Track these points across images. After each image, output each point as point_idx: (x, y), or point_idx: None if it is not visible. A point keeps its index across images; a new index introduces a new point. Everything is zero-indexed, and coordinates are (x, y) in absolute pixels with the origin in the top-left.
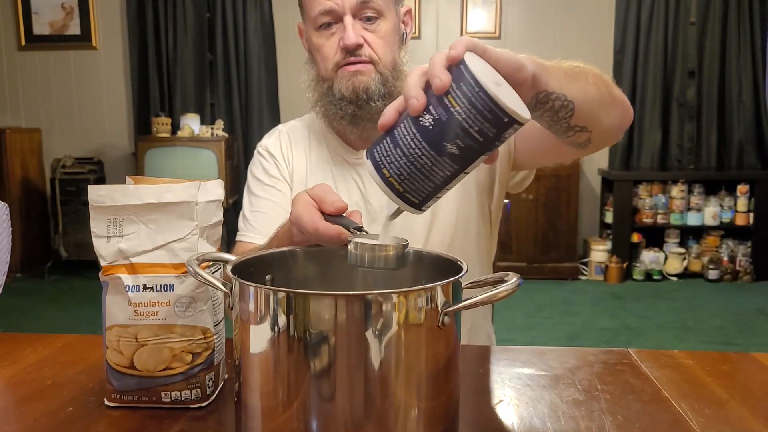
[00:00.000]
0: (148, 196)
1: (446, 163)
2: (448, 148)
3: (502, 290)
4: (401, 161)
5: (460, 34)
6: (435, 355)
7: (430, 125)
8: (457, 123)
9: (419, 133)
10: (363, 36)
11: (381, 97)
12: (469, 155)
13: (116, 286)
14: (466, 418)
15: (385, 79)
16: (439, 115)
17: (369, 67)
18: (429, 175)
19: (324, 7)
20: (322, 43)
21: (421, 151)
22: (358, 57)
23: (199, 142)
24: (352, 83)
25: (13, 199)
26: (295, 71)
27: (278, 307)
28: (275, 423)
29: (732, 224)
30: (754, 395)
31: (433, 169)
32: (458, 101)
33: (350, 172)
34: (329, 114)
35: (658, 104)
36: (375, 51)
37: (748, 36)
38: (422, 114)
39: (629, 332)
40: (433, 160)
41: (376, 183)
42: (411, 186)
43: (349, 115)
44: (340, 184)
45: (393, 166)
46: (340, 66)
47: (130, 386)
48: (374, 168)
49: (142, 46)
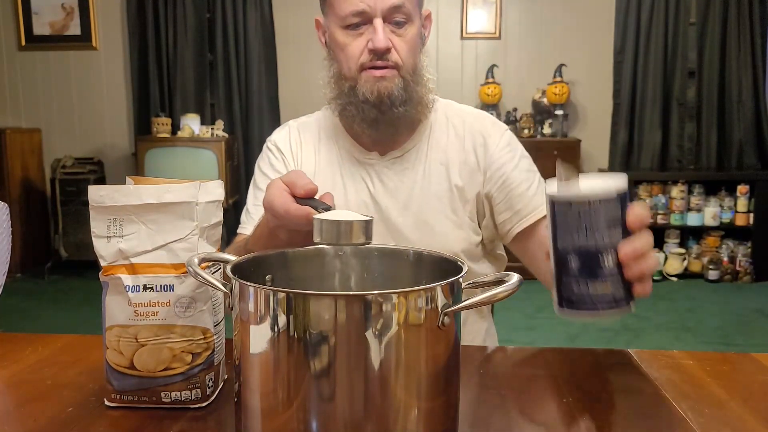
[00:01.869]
0: (149, 196)
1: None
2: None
3: (502, 290)
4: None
5: (460, 34)
6: (435, 355)
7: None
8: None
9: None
10: (391, 40)
11: (403, 102)
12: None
13: (116, 286)
14: (466, 418)
15: (407, 83)
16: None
17: (393, 72)
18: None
19: (357, 8)
20: (348, 42)
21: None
22: (385, 61)
23: (199, 143)
24: (377, 88)
25: (13, 199)
26: (295, 71)
27: (278, 308)
28: (275, 423)
29: (732, 225)
30: (754, 395)
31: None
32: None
33: (360, 171)
34: (348, 114)
35: (658, 104)
36: (400, 56)
37: (748, 36)
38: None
39: (629, 332)
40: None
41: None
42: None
43: (371, 118)
44: (348, 183)
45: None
46: (366, 68)
47: (130, 386)
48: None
49: (142, 46)
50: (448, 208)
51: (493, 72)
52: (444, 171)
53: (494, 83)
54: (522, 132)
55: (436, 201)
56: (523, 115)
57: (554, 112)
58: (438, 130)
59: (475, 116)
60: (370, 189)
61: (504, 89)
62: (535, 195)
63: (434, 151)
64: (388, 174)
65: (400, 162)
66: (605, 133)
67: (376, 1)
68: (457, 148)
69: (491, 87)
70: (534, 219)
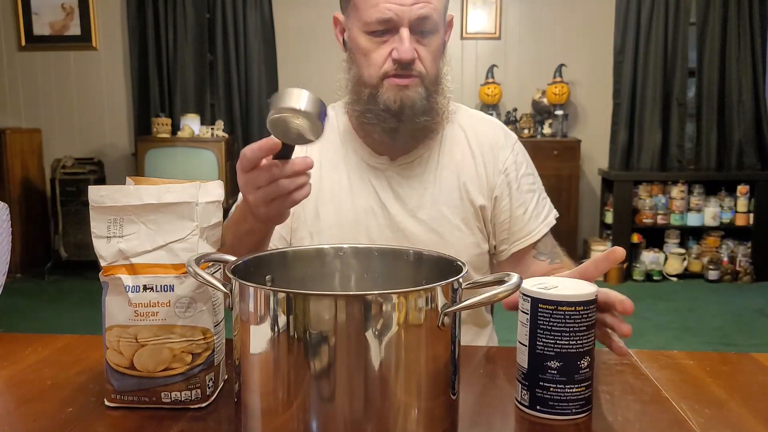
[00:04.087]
0: (149, 196)
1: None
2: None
3: (502, 290)
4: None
5: (461, 34)
6: (435, 355)
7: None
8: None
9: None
10: (416, 50)
11: (424, 112)
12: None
13: (116, 286)
14: (466, 418)
15: (429, 93)
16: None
17: (416, 81)
18: None
19: (383, 15)
20: (371, 48)
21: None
22: (409, 71)
23: (199, 143)
24: (400, 97)
25: (13, 199)
26: (295, 72)
27: (278, 308)
28: (275, 423)
29: (732, 225)
30: (754, 396)
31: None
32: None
33: (368, 175)
34: (366, 120)
35: (658, 104)
36: (425, 66)
37: (748, 36)
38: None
39: None
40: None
41: None
42: None
43: (390, 128)
44: (356, 187)
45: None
46: (388, 76)
47: (130, 387)
48: None
49: (142, 47)
50: (458, 218)
51: (493, 72)
52: (455, 180)
53: (494, 83)
54: (522, 132)
55: (446, 209)
56: (523, 116)
57: (554, 112)
58: (451, 137)
59: (487, 128)
60: (378, 194)
61: (504, 89)
62: (530, 219)
63: (446, 159)
64: (398, 180)
65: (410, 168)
66: (605, 133)
67: (404, 10)
68: (468, 158)
69: (491, 87)
70: (526, 244)
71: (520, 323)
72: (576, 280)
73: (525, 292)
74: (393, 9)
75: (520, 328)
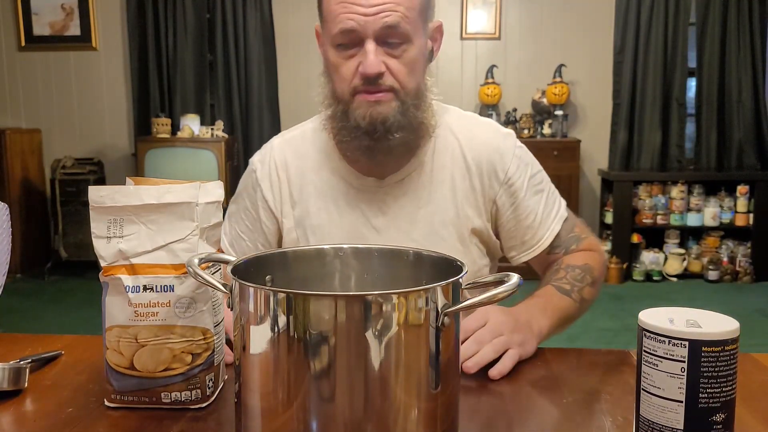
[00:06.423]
0: (149, 196)
1: None
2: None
3: (502, 291)
4: None
5: (460, 35)
6: (435, 355)
7: None
8: None
9: None
10: (385, 63)
11: (400, 128)
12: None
13: (116, 286)
14: (466, 418)
15: (405, 108)
16: None
17: (389, 96)
18: None
19: (345, 26)
20: (340, 62)
21: None
22: (378, 86)
23: (199, 143)
24: (369, 114)
25: (13, 199)
26: (295, 72)
27: (278, 308)
28: (275, 423)
29: (732, 225)
30: (754, 395)
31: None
32: None
33: (356, 199)
34: (342, 140)
35: (658, 104)
36: (398, 79)
37: (748, 36)
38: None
39: (629, 333)
40: None
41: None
42: None
43: (364, 146)
44: (344, 214)
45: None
46: (358, 92)
47: (130, 387)
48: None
49: (142, 47)
50: (454, 236)
51: (493, 72)
52: (450, 196)
53: (494, 83)
54: (522, 132)
55: (441, 228)
56: (523, 116)
57: (554, 112)
58: (443, 148)
59: (482, 134)
60: (369, 219)
61: (504, 89)
62: (540, 224)
63: (439, 173)
64: (388, 201)
65: (401, 186)
66: (605, 134)
67: (367, 20)
68: (463, 171)
69: (491, 87)
70: (539, 251)
71: (666, 375)
72: (693, 310)
73: (678, 335)
74: (355, 19)
75: (667, 381)
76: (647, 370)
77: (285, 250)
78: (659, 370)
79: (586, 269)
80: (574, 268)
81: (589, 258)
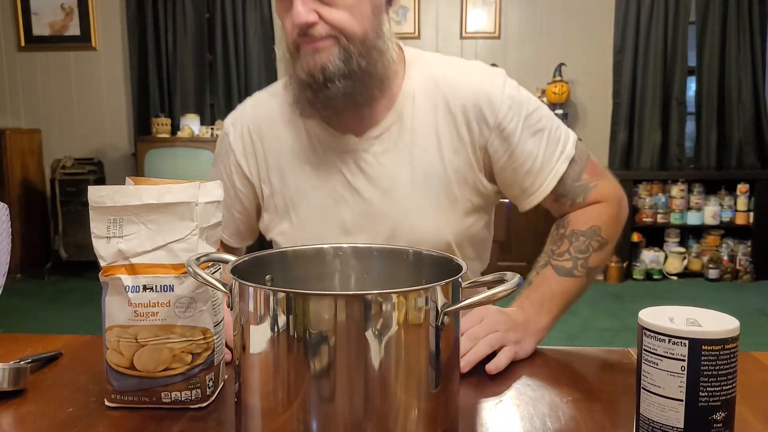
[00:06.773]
0: (148, 196)
1: None
2: None
3: (501, 290)
4: None
5: (460, 34)
6: (435, 355)
7: None
8: None
9: None
10: (318, 11)
11: (342, 77)
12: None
13: (116, 286)
14: (466, 418)
15: (348, 55)
16: None
17: (328, 42)
18: None
19: None
20: (283, 17)
21: None
22: (313, 37)
23: (199, 143)
24: (307, 64)
25: (13, 199)
26: None
27: (278, 308)
28: (275, 423)
29: (732, 224)
30: (754, 395)
31: None
32: None
33: (334, 158)
34: (296, 98)
35: (658, 104)
36: (335, 26)
37: (748, 35)
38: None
39: (629, 332)
40: None
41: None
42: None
43: (307, 99)
44: (321, 175)
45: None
46: (299, 44)
47: (130, 387)
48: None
49: (141, 47)
50: (442, 193)
51: None
52: (435, 149)
53: None
54: None
55: (426, 185)
56: None
57: (554, 111)
58: (424, 98)
59: (468, 79)
60: (348, 178)
61: None
62: (541, 167)
63: (422, 126)
64: (367, 158)
65: (381, 142)
66: (605, 133)
67: None
68: (449, 120)
69: None
70: (542, 197)
71: (666, 374)
72: (693, 308)
73: (678, 333)
74: None
75: (667, 379)
76: (647, 369)
77: (285, 249)
78: (659, 369)
79: (591, 234)
80: (578, 236)
81: (596, 215)
